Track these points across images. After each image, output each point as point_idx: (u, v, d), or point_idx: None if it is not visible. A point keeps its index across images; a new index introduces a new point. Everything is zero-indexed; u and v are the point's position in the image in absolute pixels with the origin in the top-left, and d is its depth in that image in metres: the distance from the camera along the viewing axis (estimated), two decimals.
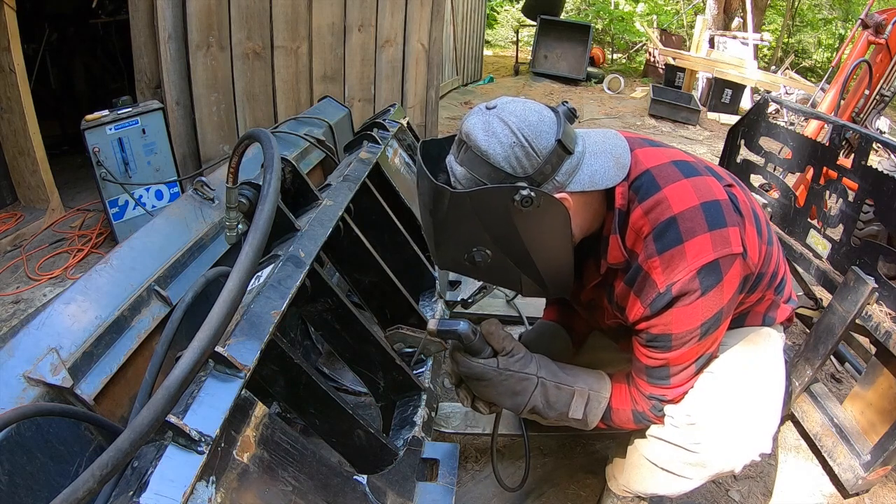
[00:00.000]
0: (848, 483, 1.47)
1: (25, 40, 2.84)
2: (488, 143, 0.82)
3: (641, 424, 1.05)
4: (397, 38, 3.73)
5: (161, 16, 2.75)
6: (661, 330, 0.90)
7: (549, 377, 1.00)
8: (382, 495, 1.02)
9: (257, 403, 0.80)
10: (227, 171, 1.02)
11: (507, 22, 12.50)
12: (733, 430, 0.97)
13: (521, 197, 0.80)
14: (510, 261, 0.91)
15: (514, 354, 0.98)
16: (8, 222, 2.83)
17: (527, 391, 0.98)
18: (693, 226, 0.85)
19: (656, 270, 0.86)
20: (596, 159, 0.89)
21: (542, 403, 0.99)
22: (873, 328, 1.45)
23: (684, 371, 0.96)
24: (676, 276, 0.84)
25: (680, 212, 0.86)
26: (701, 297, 0.85)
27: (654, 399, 1.00)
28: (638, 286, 0.90)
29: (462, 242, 0.89)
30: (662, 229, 0.86)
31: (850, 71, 2.77)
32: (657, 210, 0.88)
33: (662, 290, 0.86)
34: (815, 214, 1.90)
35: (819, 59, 12.21)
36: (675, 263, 0.85)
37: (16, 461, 0.74)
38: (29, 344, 0.84)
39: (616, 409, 1.03)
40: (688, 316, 0.87)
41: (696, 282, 0.84)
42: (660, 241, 0.86)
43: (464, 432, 1.53)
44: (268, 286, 0.95)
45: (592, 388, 1.02)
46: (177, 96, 2.95)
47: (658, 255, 0.86)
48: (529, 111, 0.85)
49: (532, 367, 0.99)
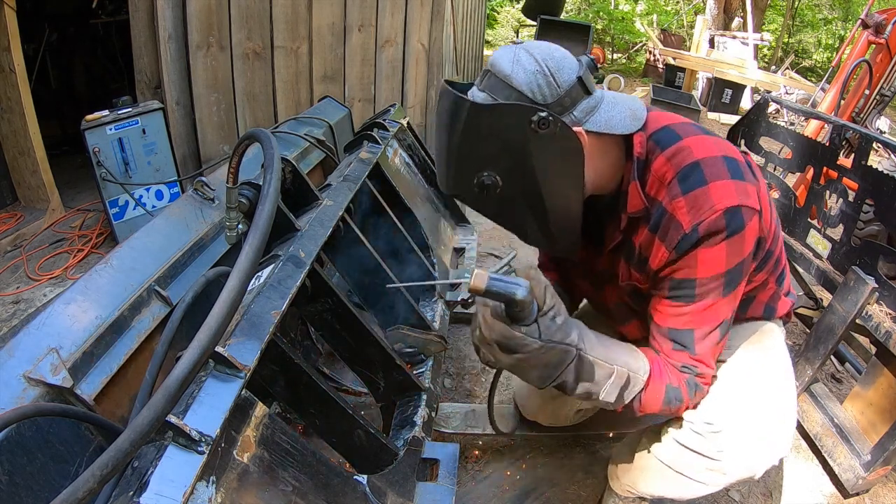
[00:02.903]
0: (848, 483, 1.47)
1: (25, 40, 2.85)
2: (512, 68, 0.84)
3: (668, 409, 0.96)
4: (397, 38, 3.73)
5: (161, 16, 2.75)
6: (685, 274, 0.88)
7: (587, 349, 0.88)
8: (382, 495, 1.02)
9: (257, 403, 0.80)
10: (228, 171, 1.02)
11: (507, 22, 12.48)
12: (756, 437, 0.96)
13: (538, 118, 0.81)
14: (519, 193, 0.88)
15: (556, 316, 0.85)
16: (8, 222, 2.83)
17: (562, 365, 0.87)
18: (717, 171, 0.86)
19: (681, 211, 0.86)
20: (613, 107, 0.91)
21: (572, 379, 0.89)
22: (873, 328, 1.45)
23: (708, 338, 0.92)
24: (703, 215, 0.84)
25: (703, 158, 0.88)
26: (726, 241, 0.85)
27: (688, 371, 0.94)
28: (663, 229, 0.89)
29: (474, 163, 0.86)
30: (687, 172, 0.87)
31: (850, 71, 2.77)
32: (680, 156, 0.89)
33: (688, 230, 0.85)
34: (816, 214, 1.90)
35: (819, 59, 12.20)
36: (700, 203, 0.85)
37: (16, 461, 0.74)
38: (29, 344, 0.84)
39: (650, 387, 0.93)
40: (713, 259, 0.86)
41: (722, 222, 0.84)
42: (684, 182, 0.87)
43: (464, 432, 1.53)
44: (268, 286, 0.95)
45: (631, 368, 0.91)
46: (177, 96, 2.95)
47: (683, 195, 0.86)
48: (555, 49, 0.88)
49: (573, 335, 0.86)
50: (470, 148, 0.86)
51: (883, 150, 3.73)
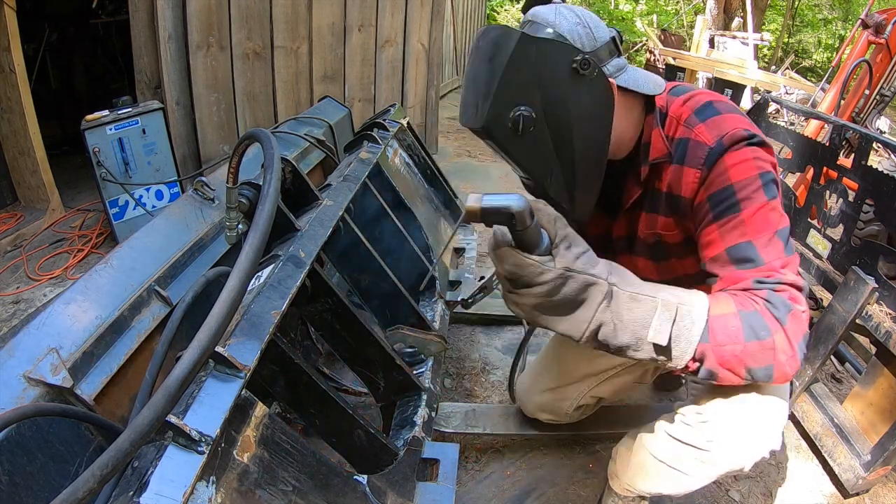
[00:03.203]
0: (848, 483, 1.47)
1: (25, 40, 2.84)
2: (556, 18, 0.91)
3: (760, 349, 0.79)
4: (397, 38, 3.73)
5: (161, 16, 2.76)
6: (720, 183, 0.90)
7: (621, 284, 0.78)
8: (382, 495, 1.02)
9: (257, 403, 0.80)
10: (228, 171, 1.02)
11: (507, 22, 12.50)
12: (745, 427, 0.96)
13: (582, 59, 0.87)
14: (550, 134, 0.90)
15: (571, 245, 0.77)
16: (8, 222, 2.83)
17: (592, 301, 0.76)
18: (729, 107, 0.96)
19: (702, 133, 0.93)
20: (637, 72, 0.99)
21: (610, 321, 0.78)
22: (873, 328, 1.45)
23: (771, 244, 0.85)
24: (724, 130, 0.91)
25: (715, 99, 0.98)
26: (749, 147, 0.90)
27: (763, 286, 0.82)
28: (689, 156, 0.95)
29: (513, 96, 0.87)
30: (702, 108, 0.97)
31: (850, 71, 2.77)
32: (694, 98, 0.99)
33: (713, 144, 0.91)
34: (816, 214, 1.90)
35: (819, 59, 12.21)
36: (719, 124, 0.93)
37: (16, 461, 0.74)
38: (29, 344, 0.84)
39: (717, 321, 0.79)
40: (742, 162, 0.89)
41: (743, 132, 0.90)
42: (701, 114, 0.96)
43: (464, 432, 1.53)
44: (268, 286, 0.95)
45: (681, 299, 0.80)
46: (177, 96, 2.95)
47: (702, 122, 0.95)
48: (591, 14, 0.95)
49: (601, 269, 0.78)
50: (513, 79, 0.86)
51: (883, 150, 3.73)
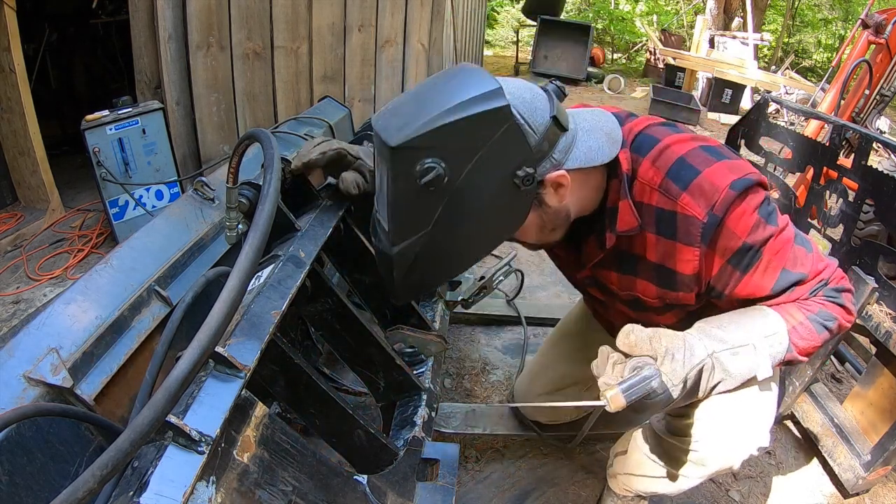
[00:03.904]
0: (848, 483, 1.47)
1: (25, 40, 2.85)
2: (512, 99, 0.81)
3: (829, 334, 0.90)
4: (397, 39, 3.73)
5: (161, 16, 2.75)
6: (733, 246, 0.86)
7: (720, 348, 0.84)
8: (382, 495, 1.02)
9: (257, 403, 0.80)
10: (228, 171, 1.02)
11: (507, 22, 12.48)
12: (732, 426, 0.95)
13: (524, 174, 0.79)
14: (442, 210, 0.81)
15: (675, 354, 0.81)
16: (8, 222, 2.83)
17: (704, 377, 0.83)
18: (703, 159, 0.87)
19: (690, 206, 0.85)
20: (589, 136, 0.88)
21: (721, 376, 0.85)
22: (873, 328, 1.45)
23: (799, 257, 0.88)
24: (712, 198, 0.84)
25: (685, 153, 0.89)
26: (743, 200, 0.84)
27: (817, 289, 0.89)
28: (680, 231, 0.88)
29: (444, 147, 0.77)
30: (676, 170, 0.87)
31: (850, 71, 2.77)
32: (663, 156, 0.89)
33: (705, 218, 0.84)
34: (815, 214, 1.90)
35: (819, 59, 12.20)
36: (704, 190, 0.85)
37: (16, 461, 0.74)
38: (29, 344, 0.84)
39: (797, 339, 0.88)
40: (742, 218, 0.85)
41: (732, 193, 0.84)
42: (678, 180, 0.87)
43: (464, 432, 1.53)
44: (268, 286, 0.95)
45: (768, 333, 0.87)
46: (177, 96, 2.95)
47: (683, 191, 0.86)
48: (522, 88, 0.82)
49: (700, 350, 0.82)
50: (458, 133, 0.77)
51: (883, 150, 3.73)
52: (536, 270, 2.58)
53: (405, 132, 0.75)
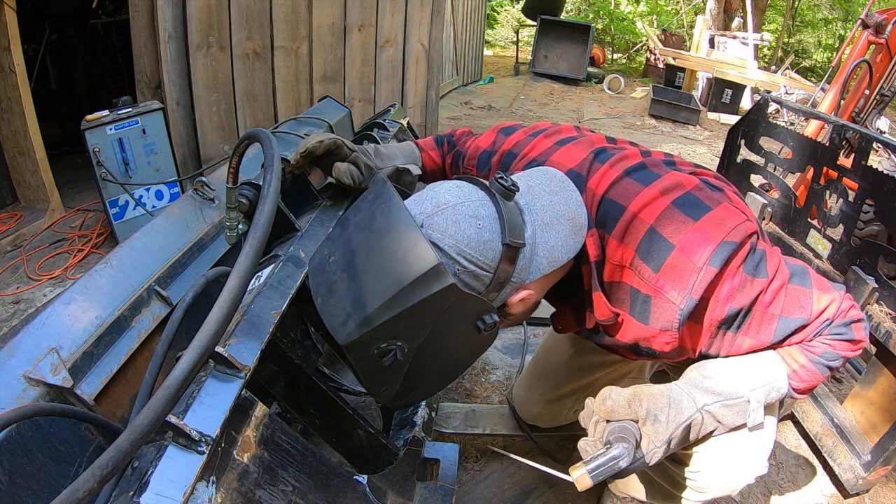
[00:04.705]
0: (848, 483, 1.47)
1: (25, 40, 2.84)
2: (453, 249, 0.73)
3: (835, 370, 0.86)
4: (397, 38, 3.73)
5: (161, 16, 2.75)
6: (720, 314, 0.79)
7: (710, 400, 0.81)
8: (382, 495, 1.02)
9: (257, 403, 0.80)
10: (228, 171, 1.02)
11: (507, 22, 12.49)
12: (730, 455, 0.91)
13: (491, 320, 0.74)
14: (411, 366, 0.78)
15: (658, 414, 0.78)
16: (8, 222, 2.83)
17: (695, 430, 0.82)
18: (677, 225, 0.78)
19: (665, 291, 0.78)
20: (550, 232, 0.78)
21: (713, 425, 0.82)
22: (873, 328, 1.45)
23: (796, 299, 0.80)
24: (688, 281, 0.76)
25: (655, 220, 0.80)
26: (723, 269, 0.77)
27: (822, 329, 0.82)
28: (654, 317, 0.81)
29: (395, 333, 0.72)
30: (646, 246, 0.79)
31: (850, 71, 2.77)
32: (630, 230, 0.81)
33: (683, 304, 0.78)
34: (816, 214, 1.90)
35: (819, 59, 12.21)
36: (678, 269, 0.77)
37: (16, 461, 0.74)
38: (29, 344, 0.84)
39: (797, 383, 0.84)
40: (725, 286, 0.77)
41: (711, 269, 0.76)
42: (650, 259, 0.79)
43: (464, 432, 1.53)
44: (268, 286, 0.95)
45: (765, 383, 0.83)
46: (177, 96, 2.95)
47: (656, 273, 0.78)
48: (465, 223, 0.72)
49: (687, 406, 0.79)
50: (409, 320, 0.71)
51: (883, 150, 3.73)
52: None
53: (349, 329, 0.71)
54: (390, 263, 0.70)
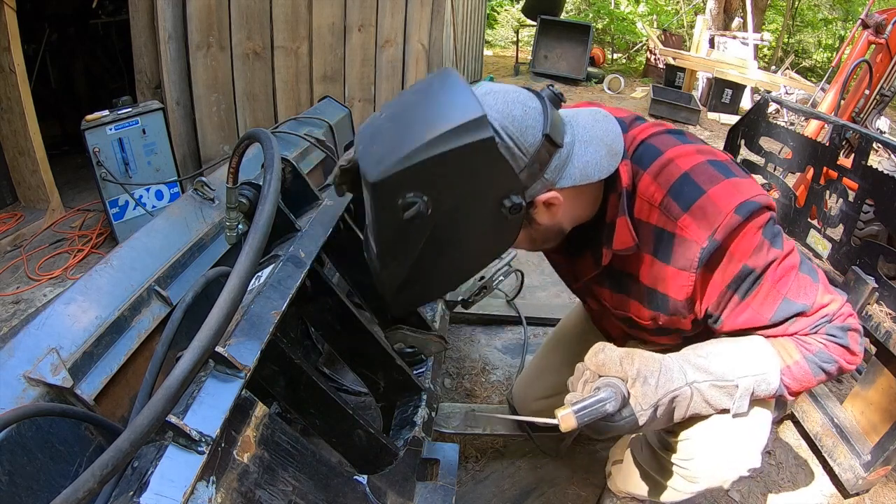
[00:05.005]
0: (848, 483, 1.47)
1: (25, 40, 2.85)
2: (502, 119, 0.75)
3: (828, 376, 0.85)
4: (397, 38, 3.73)
5: (161, 16, 2.76)
6: (733, 269, 0.80)
7: (701, 378, 0.81)
8: (382, 495, 1.02)
9: (257, 403, 0.80)
10: (228, 171, 1.02)
11: (507, 22, 12.49)
12: (724, 447, 0.90)
13: (510, 204, 0.75)
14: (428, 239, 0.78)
15: (648, 377, 0.78)
16: (8, 222, 2.83)
17: (682, 406, 0.81)
18: (708, 176, 0.81)
19: (690, 228, 0.80)
20: (587, 149, 0.81)
21: (699, 404, 0.82)
22: (873, 328, 1.45)
23: (802, 287, 0.82)
24: (715, 222, 0.78)
25: (690, 168, 0.82)
26: (748, 224, 0.79)
27: (820, 325, 0.83)
28: (675, 255, 0.82)
29: (425, 182, 0.73)
30: (679, 187, 0.81)
31: (850, 71, 2.77)
32: (665, 171, 0.83)
33: (705, 243, 0.79)
34: (816, 214, 1.90)
35: (819, 59, 12.21)
36: (706, 212, 0.79)
37: (16, 461, 0.74)
38: (29, 344, 0.84)
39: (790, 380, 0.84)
40: (746, 240, 0.79)
41: (735, 218, 0.78)
42: (680, 199, 0.81)
43: (464, 432, 1.53)
44: (268, 286, 0.95)
45: (756, 373, 0.83)
46: (177, 96, 2.95)
47: (685, 212, 0.80)
48: (513, 104, 0.76)
49: (677, 377, 0.80)
50: (442, 169, 0.72)
51: (883, 150, 3.73)
52: (536, 270, 2.58)
53: (384, 166, 0.72)
54: (436, 112, 0.72)
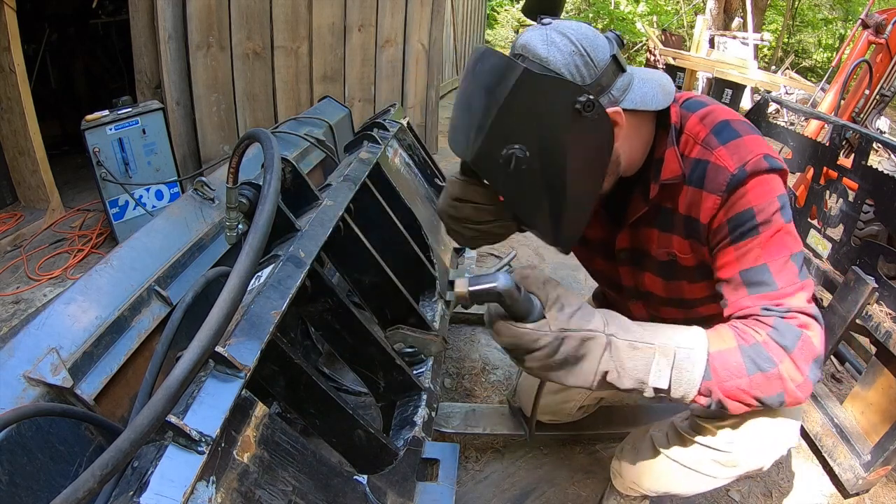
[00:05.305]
0: (848, 483, 1.47)
1: (25, 40, 2.85)
2: (548, 51, 0.83)
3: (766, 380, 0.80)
4: (397, 38, 3.73)
5: (161, 16, 2.76)
6: (741, 206, 0.88)
7: (619, 333, 0.80)
8: (382, 495, 1.02)
9: (257, 403, 0.80)
10: (228, 171, 1.02)
11: (507, 22, 12.50)
12: (766, 427, 0.95)
13: (585, 99, 0.81)
14: (542, 173, 0.85)
15: (564, 306, 0.79)
16: (8, 222, 2.83)
17: (593, 354, 0.79)
18: (746, 128, 0.93)
19: (724, 157, 0.90)
20: (645, 84, 0.92)
21: (614, 369, 0.80)
22: (873, 328, 1.45)
23: (785, 268, 0.85)
24: (746, 156, 0.88)
25: (732, 119, 0.94)
26: (770, 174, 0.88)
27: (770, 313, 0.83)
28: (708, 180, 0.91)
29: (507, 134, 0.83)
30: (720, 128, 0.93)
31: (850, 71, 2.77)
32: (710, 116, 0.95)
33: (735, 170, 0.88)
34: (816, 214, 1.90)
35: (819, 59, 12.21)
36: (741, 149, 0.89)
37: (16, 461, 0.74)
38: (29, 344, 0.84)
39: (718, 361, 0.81)
40: (764, 187, 0.88)
41: (764, 162, 0.88)
42: (720, 136, 0.92)
43: (464, 432, 1.53)
44: (268, 286, 0.95)
45: (680, 345, 0.81)
46: (177, 96, 2.95)
47: (722, 145, 0.91)
48: (586, 28, 0.88)
49: (597, 322, 0.80)
50: (510, 116, 0.82)
51: (883, 150, 3.73)
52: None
53: (470, 144, 0.87)
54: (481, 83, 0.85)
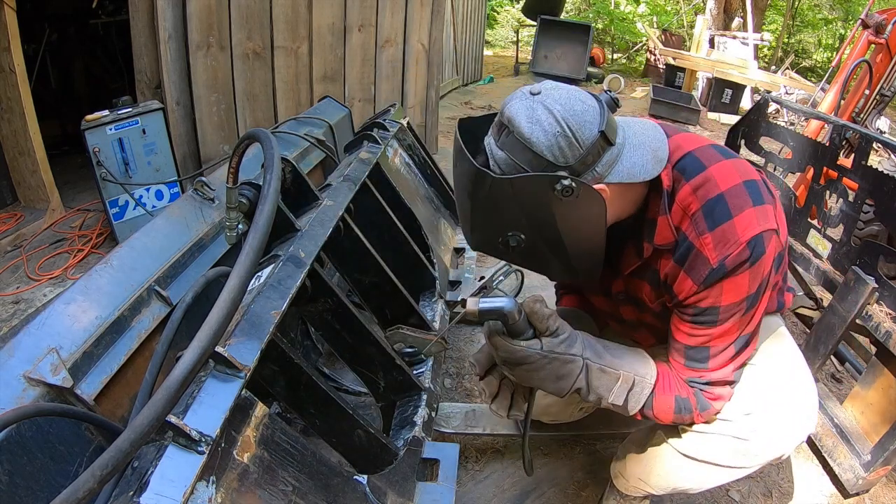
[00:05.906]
0: (848, 483, 1.47)
1: (25, 40, 2.85)
2: (532, 131, 0.82)
3: (680, 418, 1.01)
4: (397, 38, 3.73)
5: (161, 16, 2.75)
6: (710, 303, 0.91)
7: (594, 359, 0.97)
8: (382, 495, 1.02)
9: (257, 403, 0.80)
10: (228, 171, 1.02)
11: (507, 22, 12.49)
12: (786, 414, 0.98)
13: (561, 186, 0.81)
14: (544, 246, 0.92)
15: (558, 334, 0.94)
16: (8, 222, 2.83)
17: (572, 375, 0.95)
18: (740, 202, 0.89)
19: (709, 247, 0.89)
20: (635, 152, 0.91)
21: (584, 386, 0.97)
22: (873, 328, 1.45)
23: (723, 352, 0.96)
24: (728, 249, 0.87)
25: (727, 189, 0.90)
26: (749, 269, 0.88)
27: (695, 385, 0.99)
28: (690, 264, 0.92)
29: (498, 226, 0.90)
30: (712, 205, 0.90)
31: (850, 71, 2.77)
32: (705, 187, 0.91)
33: (715, 265, 0.88)
34: (816, 214, 1.90)
35: (819, 59, 12.21)
36: (726, 238, 0.88)
37: (16, 461, 0.74)
38: (29, 344, 0.84)
39: (659, 397, 0.99)
40: (737, 287, 0.89)
41: (746, 253, 0.87)
42: (710, 217, 0.90)
43: (464, 432, 1.53)
44: (268, 286, 0.95)
45: (638, 373, 0.99)
46: (177, 96, 2.95)
47: (710, 231, 0.89)
48: (574, 100, 0.86)
49: (577, 348, 0.95)
50: (493, 214, 0.88)
51: (883, 150, 3.73)
52: None
53: (471, 239, 0.97)
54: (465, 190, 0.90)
